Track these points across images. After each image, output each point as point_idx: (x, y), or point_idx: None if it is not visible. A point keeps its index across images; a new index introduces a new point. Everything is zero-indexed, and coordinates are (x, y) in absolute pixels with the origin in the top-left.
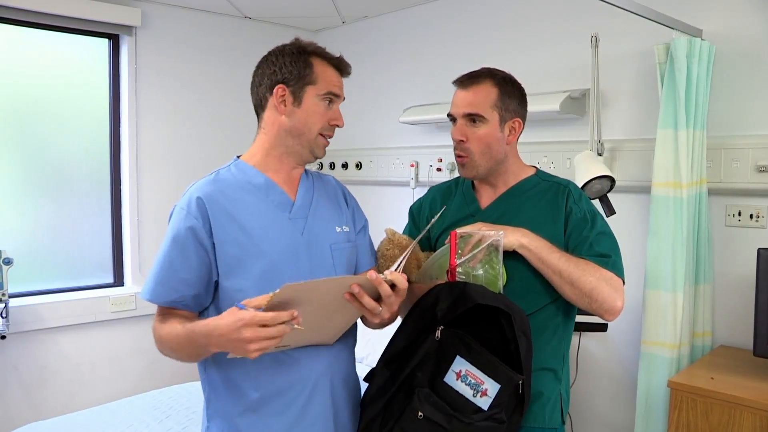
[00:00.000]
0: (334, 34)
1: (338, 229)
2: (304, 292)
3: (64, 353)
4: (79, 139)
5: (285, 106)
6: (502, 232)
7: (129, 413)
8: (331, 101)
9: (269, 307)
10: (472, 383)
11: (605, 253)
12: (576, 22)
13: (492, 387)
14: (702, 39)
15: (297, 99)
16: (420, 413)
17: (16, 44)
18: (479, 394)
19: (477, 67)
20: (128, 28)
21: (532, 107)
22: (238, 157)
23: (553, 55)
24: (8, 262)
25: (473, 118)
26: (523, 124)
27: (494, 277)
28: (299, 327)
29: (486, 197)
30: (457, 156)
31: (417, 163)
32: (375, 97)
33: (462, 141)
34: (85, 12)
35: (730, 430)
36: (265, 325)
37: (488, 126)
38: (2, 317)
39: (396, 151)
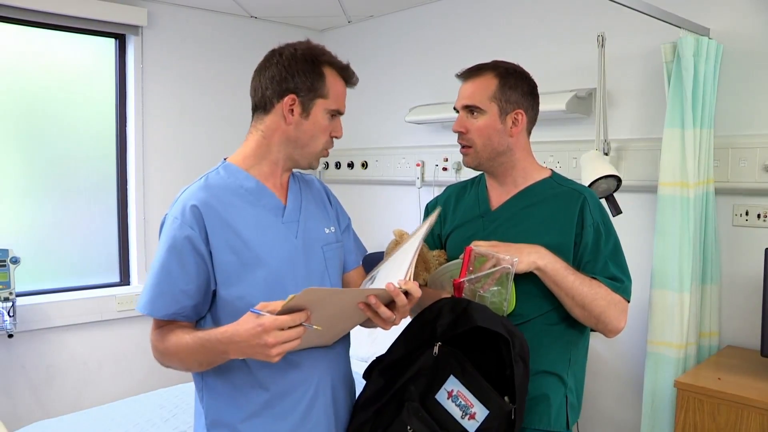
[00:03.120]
0: (340, 33)
1: (327, 231)
2: (323, 299)
3: (70, 352)
4: (86, 139)
5: (293, 115)
6: (516, 258)
7: (135, 412)
8: (334, 115)
9: (285, 310)
10: (462, 405)
11: (618, 277)
12: (582, 22)
13: (481, 412)
14: (709, 38)
15: (306, 111)
16: (408, 427)
17: (23, 44)
18: (467, 416)
19: None
20: (135, 28)
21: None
22: (225, 159)
23: (560, 54)
24: (15, 261)
25: (471, 109)
26: (528, 116)
27: (500, 302)
28: (317, 327)
29: (497, 198)
30: (461, 147)
31: (423, 163)
32: (381, 96)
33: (462, 132)
34: (91, 12)
35: (737, 430)
36: (283, 329)
37: (487, 117)
38: (9, 316)
39: (402, 151)
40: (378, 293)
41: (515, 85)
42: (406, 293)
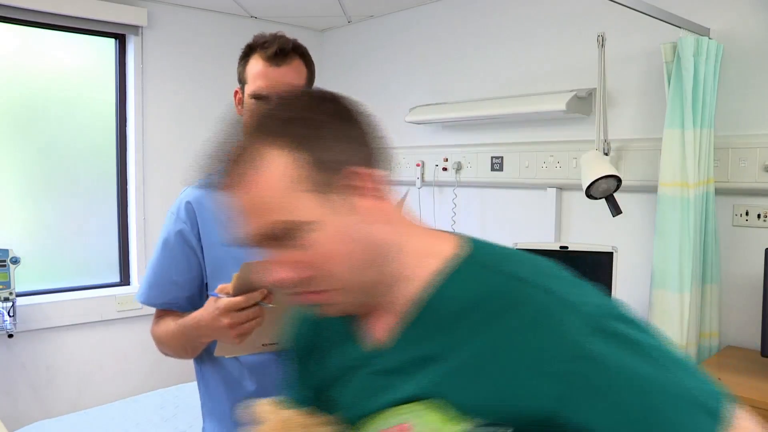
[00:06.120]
0: (340, 33)
1: None
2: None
3: (70, 352)
4: (86, 139)
5: (241, 107)
6: None
7: (136, 412)
8: (259, 98)
9: (237, 290)
10: None
11: None
12: (582, 22)
13: None
14: (709, 38)
15: (242, 102)
16: None
17: (23, 44)
18: None
19: (482, 67)
20: (135, 28)
21: (538, 107)
22: None
23: (560, 54)
24: (15, 261)
25: None
26: None
27: None
28: (271, 305)
29: None
30: None
31: (423, 163)
32: (381, 96)
33: None
34: (91, 12)
35: None
36: (241, 309)
37: None
38: (10, 316)
39: (402, 151)
40: None
41: None
42: None
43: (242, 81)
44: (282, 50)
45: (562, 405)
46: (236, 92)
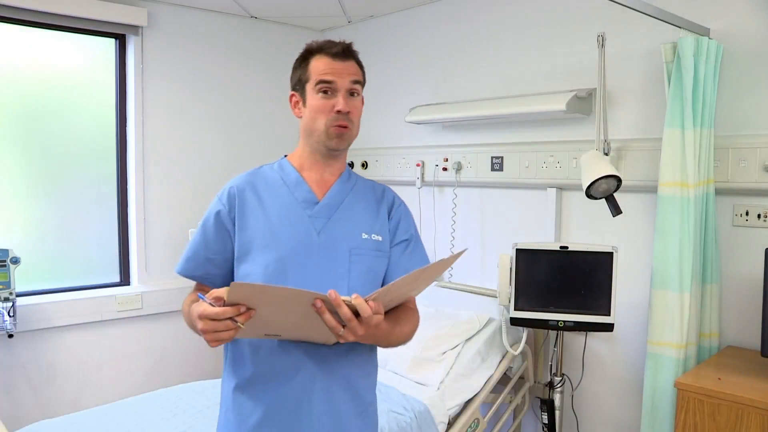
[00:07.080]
0: (340, 33)
1: (364, 236)
2: (258, 295)
3: (71, 352)
4: (86, 139)
5: (299, 109)
6: None
7: (135, 412)
8: (326, 90)
9: (228, 302)
10: None
11: None
12: (582, 22)
13: None
14: (709, 38)
15: (303, 100)
16: None
17: (23, 44)
18: None
19: (482, 67)
20: (135, 28)
21: (538, 107)
22: (285, 156)
23: (560, 54)
24: (16, 261)
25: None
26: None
27: None
28: (242, 325)
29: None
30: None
31: (423, 163)
32: (381, 96)
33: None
34: (91, 12)
35: (737, 431)
36: (215, 320)
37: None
38: (10, 316)
39: (402, 151)
40: (324, 298)
41: None
42: (358, 314)
43: (303, 81)
44: (345, 50)
45: None
46: (291, 96)
